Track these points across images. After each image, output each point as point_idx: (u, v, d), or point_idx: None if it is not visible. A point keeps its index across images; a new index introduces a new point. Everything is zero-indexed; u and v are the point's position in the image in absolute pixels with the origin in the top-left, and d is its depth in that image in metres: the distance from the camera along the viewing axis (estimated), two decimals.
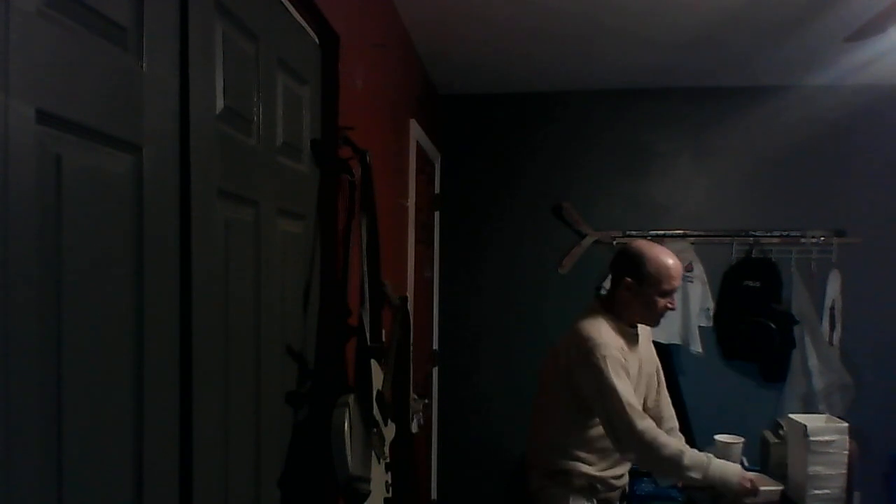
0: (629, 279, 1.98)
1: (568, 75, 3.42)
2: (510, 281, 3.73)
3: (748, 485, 1.92)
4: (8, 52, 0.68)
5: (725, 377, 3.53)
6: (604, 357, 1.88)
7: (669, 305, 1.99)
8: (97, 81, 0.83)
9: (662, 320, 2.07)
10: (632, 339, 2.04)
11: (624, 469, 2.13)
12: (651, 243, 2.05)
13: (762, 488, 2.00)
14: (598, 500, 2.07)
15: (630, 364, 1.96)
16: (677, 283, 1.98)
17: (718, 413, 3.25)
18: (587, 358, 1.90)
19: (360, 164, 1.75)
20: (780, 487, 2.12)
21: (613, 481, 2.08)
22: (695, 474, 1.86)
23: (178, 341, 1.02)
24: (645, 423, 1.85)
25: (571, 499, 2.03)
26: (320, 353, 1.66)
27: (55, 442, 0.76)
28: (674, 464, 1.85)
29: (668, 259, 1.97)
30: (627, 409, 1.84)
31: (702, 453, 1.92)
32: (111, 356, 0.86)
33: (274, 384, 1.41)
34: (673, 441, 1.91)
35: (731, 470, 1.92)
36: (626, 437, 1.87)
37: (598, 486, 2.05)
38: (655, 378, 2.20)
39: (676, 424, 2.25)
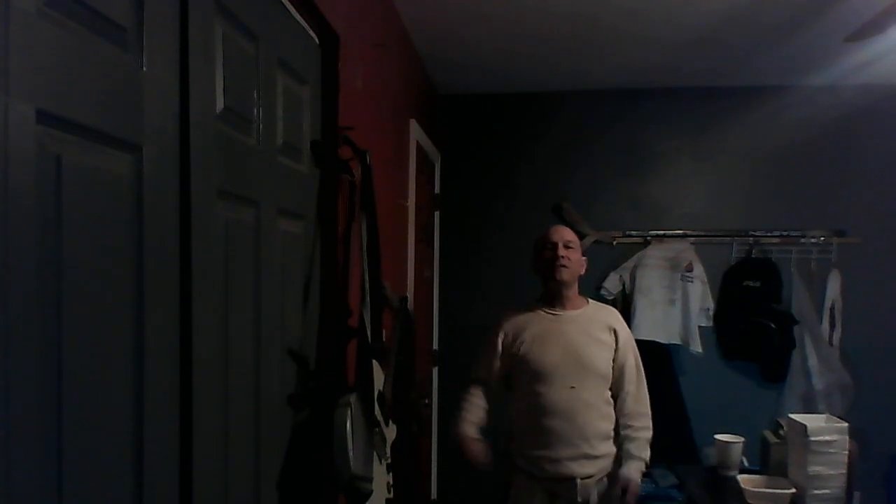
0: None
1: (568, 75, 3.41)
2: (510, 281, 3.72)
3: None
4: (8, 52, 0.68)
5: (725, 377, 3.52)
6: (487, 337, 2.36)
7: (548, 255, 2.23)
8: (97, 81, 0.82)
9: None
10: (548, 316, 2.28)
11: (559, 453, 2.09)
12: None
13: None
14: (545, 490, 2.13)
15: (524, 336, 2.25)
16: (553, 238, 2.25)
17: (718, 413, 3.24)
18: None
19: (360, 165, 1.75)
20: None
21: (548, 466, 2.11)
22: None
23: (178, 341, 1.02)
24: (470, 389, 2.33)
25: (515, 479, 2.22)
26: (321, 353, 1.66)
27: (55, 442, 0.76)
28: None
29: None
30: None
31: None
32: (111, 356, 0.86)
33: (274, 384, 1.41)
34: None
35: None
36: None
37: (535, 471, 2.14)
38: (587, 358, 2.16)
39: (640, 425, 2.15)
